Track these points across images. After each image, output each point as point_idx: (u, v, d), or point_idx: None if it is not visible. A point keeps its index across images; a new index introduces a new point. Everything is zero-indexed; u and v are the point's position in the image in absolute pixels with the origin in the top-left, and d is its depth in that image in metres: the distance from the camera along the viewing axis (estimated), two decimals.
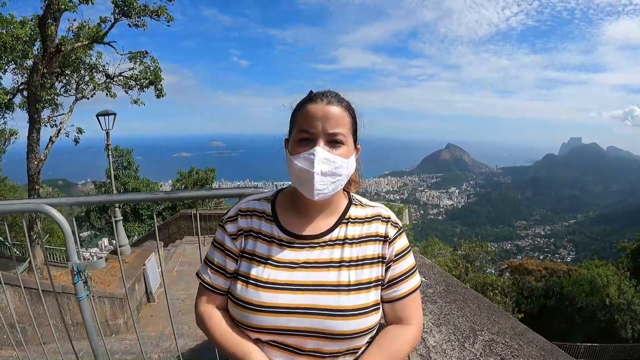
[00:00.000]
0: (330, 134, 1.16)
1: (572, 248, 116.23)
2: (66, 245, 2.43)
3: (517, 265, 21.39)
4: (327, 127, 1.16)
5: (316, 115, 1.16)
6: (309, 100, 1.21)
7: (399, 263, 1.24)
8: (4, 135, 13.21)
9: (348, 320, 1.13)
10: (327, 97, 1.19)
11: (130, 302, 10.31)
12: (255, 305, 1.16)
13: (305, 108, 1.19)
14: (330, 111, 1.17)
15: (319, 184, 1.14)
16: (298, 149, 1.17)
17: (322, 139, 1.16)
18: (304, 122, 1.18)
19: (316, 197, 1.15)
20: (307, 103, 1.20)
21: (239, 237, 1.27)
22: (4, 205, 2.63)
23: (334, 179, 1.17)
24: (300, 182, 1.18)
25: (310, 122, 1.16)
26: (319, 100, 1.18)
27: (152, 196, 2.66)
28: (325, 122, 1.16)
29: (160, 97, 13.65)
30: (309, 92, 1.24)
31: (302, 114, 1.20)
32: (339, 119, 1.17)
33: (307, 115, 1.18)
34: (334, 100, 1.19)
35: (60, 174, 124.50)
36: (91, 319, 2.50)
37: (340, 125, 1.17)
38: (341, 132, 1.17)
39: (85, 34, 11.75)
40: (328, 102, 1.18)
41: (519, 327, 2.26)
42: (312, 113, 1.17)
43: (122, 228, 13.53)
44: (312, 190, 1.14)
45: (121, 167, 24.00)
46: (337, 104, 1.19)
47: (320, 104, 1.18)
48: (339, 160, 1.16)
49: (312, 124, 1.16)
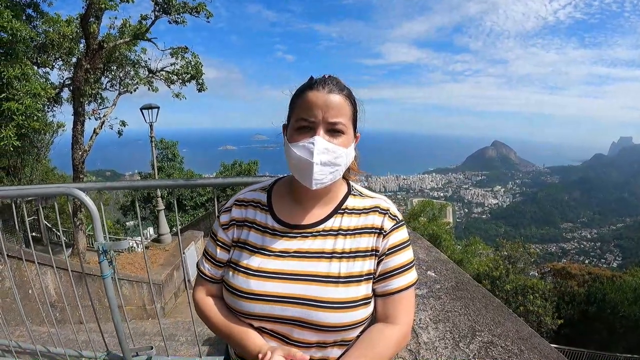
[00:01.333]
0: (330, 122, 1.14)
1: (619, 253, 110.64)
2: (93, 227, 2.55)
3: (560, 268, 20.69)
4: (328, 116, 1.14)
5: (317, 104, 1.14)
6: (309, 87, 1.18)
7: (393, 257, 1.21)
8: (52, 127, 13.87)
9: (335, 312, 1.12)
10: (329, 85, 1.16)
11: (169, 288, 10.68)
12: (244, 293, 1.17)
13: (306, 95, 1.17)
14: (331, 100, 1.14)
15: (318, 174, 1.13)
16: (297, 137, 1.16)
17: (322, 127, 1.14)
18: (303, 109, 1.16)
19: (314, 186, 1.15)
20: (307, 90, 1.18)
21: (230, 227, 1.29)
22: (38, 189, 2.80)
23: (333, 169, 1.16)
24: (298, 171, 1.17)
25: (311, 110, 1.14)
26: (320, 87, 1.16)
27: (171, 182, 2.79)
28: (325, 111, 1.14)
29: (201, 91, 13.99)
30: (309, 78, 1.21)
31: (302, 101, 1.17)
32: (340, 108, 1.15)
33: (308, 103, 1.15)
34: (335, 89, 1.16)
35: (110, 165, 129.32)
36: (114, 297, 2.62)
37: (341, 115, 1.16)
38: (341, 122, 1.16)
39: (129, 31, 12.16)
40: (329, 90, 1.15)
41: (525, 331, 2.16)
42: (313, 101, 1.14)
43: (164, 217, 13.93)
44: (311, 180, 1.13)
45: (166, 159, 24.57)
46: (338, 92, 1.16)
47: (322, 91, 1.15)
48: (339, 150, 1.15)
49: (312, 113, 1.14)
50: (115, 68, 13.37)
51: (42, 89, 8.69)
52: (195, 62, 13.38)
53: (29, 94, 8.36)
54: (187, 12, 11.64)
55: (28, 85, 8.39)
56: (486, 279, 16.62)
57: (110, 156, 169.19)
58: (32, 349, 3.07)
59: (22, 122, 8.31)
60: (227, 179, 2.55)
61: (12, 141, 8.33)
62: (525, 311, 14.87)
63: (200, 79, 13.66)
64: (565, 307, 17.17)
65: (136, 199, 3.03)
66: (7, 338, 3.05)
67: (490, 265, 17.53)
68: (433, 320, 2.14)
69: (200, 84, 13.80)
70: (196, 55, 13.38)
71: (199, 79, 13.66)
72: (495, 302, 2.47)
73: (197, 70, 13.42)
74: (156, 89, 13.58)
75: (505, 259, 17.95)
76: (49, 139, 14.85)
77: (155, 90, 13.55)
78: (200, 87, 13.87)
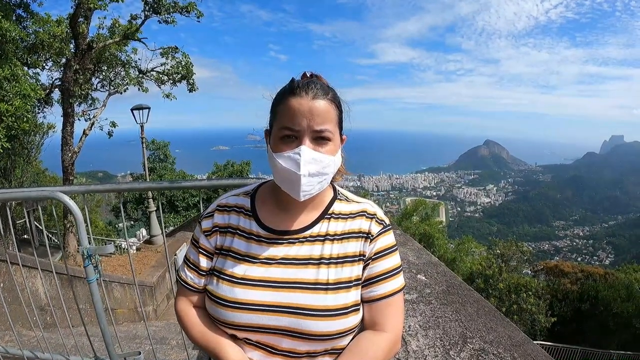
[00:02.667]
0: (316, 131, 1.08)
1: (611, 251, 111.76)
2: (77, 231, 2.51)
3: (553, 266, 20.74)
4: (313, 124, 1.08)
5: (301, 111, 1.07)
6: (290, 92, 1.11)
7: (379, 262, 1.17)
8: (42, 128, 13.77)
9: (325, 320, 1.08)
10: (312, 90, 1.09)
11: (161, 290, 10.62)
12: (229, 302, 1.12)
13: (288, 102, 1.10)
14: (315, 107, 1.08)
15: (306, 186, 1.08)
16: (281, 147, 1.10)
17: (308, 136, 1.08)
18: (287, 118, 1.09)
19: (302, 198, 1.10)
20: (289, 96, 1.10)
21: (213, 233, 1.24)
22: (22, 192, 2.75)
23: (321, 179, 1.11)
24: (284, 183, 1.12)
25: (294, 118, 1.08)
26: (303, 93, 1.09)
27: (156, 185, 2.75)
28: (310, 119, 1.07)
29: (192, 91, 13.95)
30: (290, 80, 1.14)
31: (284, 108, 1.11)
32: (325, 115, 1.09)
33: (291, 110, 1.09)
34: (320, 93, 1.10)
35: (102, 166, 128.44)
36: (100, 301, 2.58)
37: (326, 121, 1.10)
38: (328, 129, 1.10)
39: (119, 31, 12.09)
40: (313, 95, 1.09)
41: (518, 337, 2.11)
42: (296, 108, 1.08)
43: (156, 219, 13.86)
44: (299, 192, 1.09)
45: (158, 159, 24.54)
46: (323, 97, 1.10)
47: (305, 98, 1.08)
48: (326, 159, 1.10)
49: (296, 121, 1.08)
50: (106, 68, 13.31)
51: (32, 90, 8.63)
52: (185, 62, 13.34)
53: (19, 95, 8.29)
54: (177, 12, 11.60)
55: (18, 86, 8.32)
56: (479, 277, 16.66)
57: (103, 157, 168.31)
58: (20, 355, 3.02)
59: (12, 124, 8.24)
60: (212, 181, 2.51)
61: (2, 142, 8.27)
62: (518, 309, 14.92)
63: (191, 79, 13.62)
64: (558, 305, 17.24)
65: (121, 202, 2.97)
66: None
67: (483, 264, 17.57)
68: (423, 327, 2.09)
69: (191, 84, 13.76)
70: (187, 55, 13.35)
71: (190, 79, 13.61)
72: (487, 306, 2.43)
73: (188, 70, 13.38)
74: (146, 89, 13.54)
75: (498, 258, 18.00)
76: (39, 140, 14.73)
77: (146, 91, 13.51)
78: (191, 87, 13.82)
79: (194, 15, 11.82)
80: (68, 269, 4.04)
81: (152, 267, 11.21)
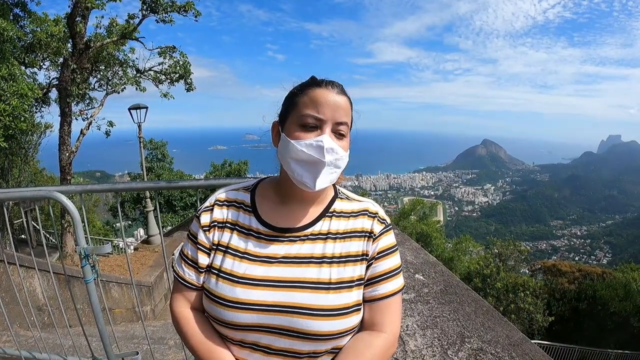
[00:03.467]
0: (338, 123, 1.11)
1: (609, 250, 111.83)
2: (75, 231, 2.49)
3: (550, 266, 20.78)
4: (337, 116, 1.11)
5: (327, 102, 1.11)
6: (316, 84, 1.15)
7: (381, 262, 1.17)
8: (40, 128, 13.73)
9: (327, 320, 1.07)
10: (337, 87, 1.14)
11: (158, 290, 10.61)
12: (229, 301, 1.10)
13: (315, 92, 1.12)
14: (340, 101, 1.12)
15: (324, 174, 1.09)
16: (301, 135, 1.11)
17: (329, 127, 1.11)
18: (312, 106, 1.11)
19: (317, 187, 1.09)
20: (315, 87, 1.14)
21: (211, 228, 1.21)
22: (18, 192, 2.73)
23: (333, 170, 1.12)
24: (302, 169, 1.10)
25: (321, 107, 1.10)
26: (330, 87, 1.13)
27: (153, 185, 2.73)
28: (335, 111, 1.11)
29: (190, 90, 13.93)
30: (311, 77, 1.18)
31: (309, 97, 1.12)
32: (347, 111, 1.14)
33: (318, 100, 1.11)
34: (343, 92, 1.15)
35: (99, 166, 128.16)
36: (98, 301, 2.57)
37: (347, 116, 1.14)
38: (346, 123, 1.14)
39: (117, 31, 12.07)
40: (338, 91, 1.13)
41: (516, 337, 2.10)
42: (323, 99, 1.11)
43: (153, 218, 13.83)
44: (315, 181, 1.09)
45: (156, 159, 24.41)
46: (344, 95, 1.15)
47: (331, 91, 1.12)
48: (342, 152, 1.12)
49: (322, 110, 1.10)
50: (103, 68, 13.27)
51: (30, 90, 8.60)
52: (183, 61, 13.31)
53: (16, 95, 8.26)
54: (175, 11, 11.59)
55: (15, 86, 8.29)
56: (477, 277, 16.69)
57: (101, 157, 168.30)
58: (17, 355, 3.01)
59: (9, 123, 8.21)
60: (210, 181, 2.50)
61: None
62: (516, 309, 14.94)
63: (188, 79, 13.62)
64: (556, 304, 17.28)
65: (118, 202, 2.96)
66: None
67: (481, 263, 17.62)
68: (420, 326, 2.08)
69: (189, 84, 13.76)
70: (184, 55, 13.31)
71: (187, 79, 13.61)
72: (485, 305, 2.41)
73: (186, 69, 13.36)
74: (144, 89, 13.51)
75: (496, 257, 18.05)
76: (36, 139, 14.67)
77: (143, 90, 13.48)
78: (189, 86, 13.82)
79: (192, 15, 11.82)
80: (65, 269, 4.03)
81: (150, 267, 11.19)
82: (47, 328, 4.97)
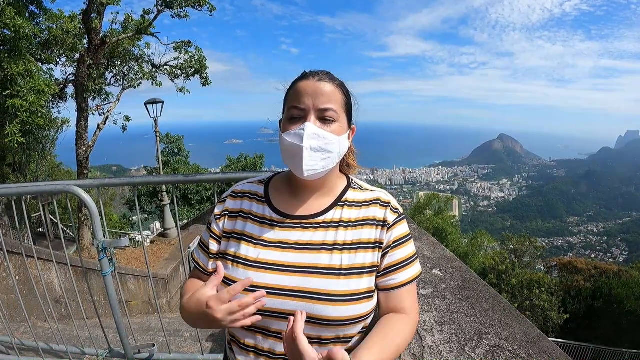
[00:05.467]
0: (321, 109, 1.14)
1: (625, 248, 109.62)
2: (92, 224, 2.52)
3: (566, 263, 20.56)
4: (318, 102, 1.13)
5: (307, 91, 1.14)
6: (300, 78, 1.20)
7: (397, 250, 1.19)
8: (57, 123, 13.92)
9: (337, 305, 1.09)
10: (319, 75, 1.18)
11: (174, 283, 10.71)
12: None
13: (297, 85, 1.18)
14: (320, 87, 1.15)
15: (309, 160, 1.11)
16: (289, 127, 1.15)
17: (313, 114, 1.14)
18: (294, 98, 1.16)
19: (305, 173, 1.12)
20: (298, 81, 1.19)
21: (222, 217, 1.28)
22: (37, 187, 2.77)
23: (325, 156, 1.13)
24: (290, 159, 1.15)
25: (301, 97, 1.15)
26: (310, 77, 1.17)
27: (170, 179, 2.76)
28: (315, 98, 1.14)
29: (205, 85, 13.98)
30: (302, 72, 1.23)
31: (293, 91, 1.18)
32: (330, 95, 1.15)
33: (298, 91, 1.16)
34: (326, 78, 1.17)
35: (116, 160, 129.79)
36: (115, 294, 2.60)
37: (331, 102, 1.15)
38: (332, 108, 1.15)
39: (132, 26, 12.15)
40: (319, 79, 1.16)
41: (534, 334, 2.08)
42: (303, 89, 1.15)
43: (170, 212, 13.96)
44: (302, 166, 1.11)
45: (172, 153, 24.67)
46: (329, 81, 1.17)
47: (312, 80, 1.16)
48: (330, 137, 1.13)
49: (302, 100, 1.14)
50: (119, 63, 13.40)
51: (46, 86, 8.71)
52: (199, 56, 13.37)
53: (33, 91, 8.38)
54: (189, 6, 11.65)
55: (32, 82, 8.41)
56: (492, 273, 16.58)
57: (117, 151, 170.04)
58: (35, 347, 3.06)
59: (27, 119, 8.33)
60: (227, 175, 2.50)
61: (17, 138, 8.37)
62: (531, 306, 14.82)
63: (204, 73, 13.68)
64: (571, 301, 17.07)
65: (135, 195, 2.98)
66: (10, 335, 3.03)
67: (497, 259, 17.50)
68: (438, 322, 2.07)
69: (205, 78, 13.81)
70: (200, 50, 13.36)
71: (203, 73, 13.67)
72: (502, 302, 2.40)
73: (201, 64, 13.42)
74: (160, 83, 13.58)
75: (512, 253, 17.91)
76: (53, 135, 14.92)
77: (159, 85, 13.55)
78: (205, 81, 13.87)
79: (207, 9, 11.87)
80: (83, 262, 4.09)
81: (166, 259, 11.30)
82: (64, 320, 5.04)
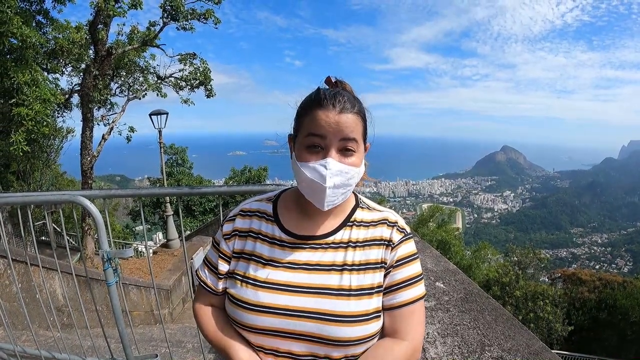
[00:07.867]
0: (344, 140, 1.10)
1: (630, 258, 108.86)
2: (98, 234, 2.53)
3: (570, 274, 20.43)
4: (341, 134, 1.09)
5: (328, 124, 1.08)
6: (318, 104, 1.11)
7: (400, 270, 1.17)
8: (62, 132, 14.02)
9: (347, 326, 1.08)
10: (340, 103, 1.09)
11: (177, 293, 10.69)
12: (252, 305, 1.13)
13: (316, 114, 1.10)
14: (343, 120, 1.09)
15: (330, 197, 1.10)
16: (307, 157, 1.11)
17: (334, 148, 1.10)
18: (313, 126, 1.10)
19: (326, 208, 1.12)
20: (316, 108, 1.11)
21: (232, 237, 1.26)
22: (43, 196, 2.78)
23: (345, 189, 1.12)
24: (309, 193, 1.13)
25: (321, 128, 1.09)
26: (330, 106, 1.09)
27: (176, 190, 2.75)
28: (337, 132, 1.09)
29: (210, 96, 14.09)
30: (316, 90, 1.15)
31: (311, 118, 1.11)
32: (352, 128, 1.10)
33: (318, 122, 1.09)
34: (347, 106, 1.10)
35: (120, 170, 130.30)
36: (119, 304, 2.60)
37: (353, 132, 1.10)
38: (354, 139, 1.11)
39: (138, 38, 12.27)
40: (341, 109, 1.09)
41: (536, 346, 2.07)
42: (324, 121, 1.09)
43: (173, 223, 13.97)
44: (323, 203, 1.10)
45: (176, 164, 24.68)
46: (350, 111, 1.10)
47: (333, 111, 1.09)
48: (352, 171, 1.11)
49: (322, 132, 1.09)
50: (125, 74, 13.52)
51: (52, 95, 8.78)
52: (203, 68, 13.49)
53: (39, 100, 8.45)
54: (195, 19, 11.78)
55: (38, 91, 8.47)
56: (496, 285, 16.48)
57: (121, 161, 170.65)
58: (37, 354, 3.05)
59: (32, 128, 8.39)
60: (232, 187, 2.53)
61: (22, 146, 8.42)
62: (535, 317, 14.70)
63: (208, 85, 13.79)
64: (575, 313, 16.95)
65: (141, 206, 2.99)
66: (13, 342, 3.04)
67: (500, 271, 17.40)
68: (441, 334, 2.07)
69: (209, 90, 13.92)
70: (204, 62, 13.49)
71: (208, 85, 13.78)
72: (505, 314, 2.40)
73: (206, 76, 13.53)
74: (165, 95, 13.69)
75: (515, 265, 17.81)
76: (58, 144, 15.03)
77: (164, 97, 13.66)
78: (209, 93, 13.99)
79: (212, 22, 11.98)
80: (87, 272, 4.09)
81: (169, 270, 11.28)
82: (66, 329, 5.03)
